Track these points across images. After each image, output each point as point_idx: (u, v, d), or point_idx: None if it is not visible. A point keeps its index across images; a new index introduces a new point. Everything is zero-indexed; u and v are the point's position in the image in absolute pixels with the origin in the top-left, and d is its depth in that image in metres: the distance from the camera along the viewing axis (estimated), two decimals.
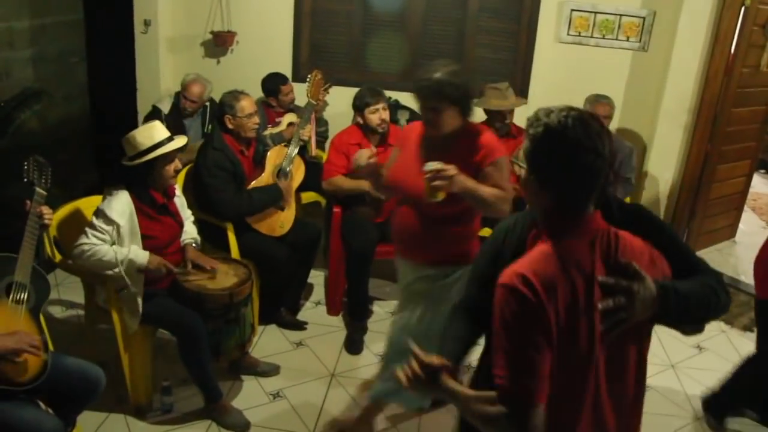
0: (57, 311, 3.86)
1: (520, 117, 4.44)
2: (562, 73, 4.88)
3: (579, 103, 4.22)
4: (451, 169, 2.37)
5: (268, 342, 3.72)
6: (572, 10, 4.81)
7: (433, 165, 2.37)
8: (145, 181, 2.92)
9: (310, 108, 3.95)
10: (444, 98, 2.48)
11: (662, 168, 4.92)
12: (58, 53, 4.82)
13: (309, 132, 3.92)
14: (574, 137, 1.46)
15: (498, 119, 4.19)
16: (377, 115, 3.86)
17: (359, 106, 3.91)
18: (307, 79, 4.07)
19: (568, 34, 4.86)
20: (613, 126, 4.39)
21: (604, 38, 4.85)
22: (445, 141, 2.58)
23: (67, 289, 3.96)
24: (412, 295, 2.79)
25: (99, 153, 5.17)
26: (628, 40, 4.84)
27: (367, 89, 3.91)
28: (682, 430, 3.28)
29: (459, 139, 2.59)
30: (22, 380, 2.28)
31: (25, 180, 2.55)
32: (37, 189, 2.53)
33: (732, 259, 5.33)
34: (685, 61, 4.67)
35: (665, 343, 3.96)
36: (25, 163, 2.56)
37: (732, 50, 4.66)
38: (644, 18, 4.76)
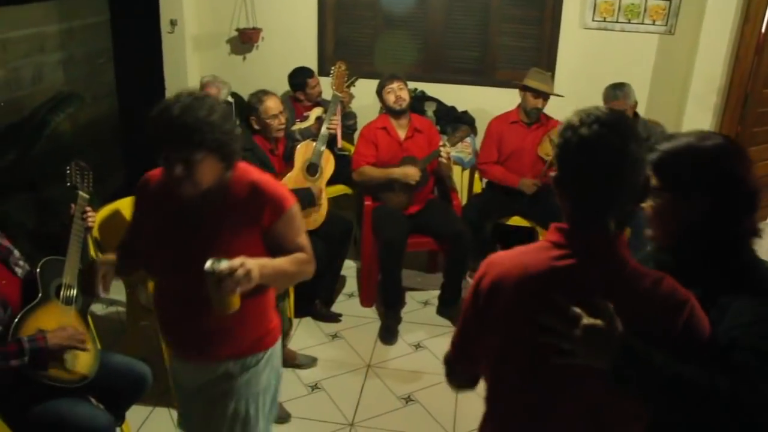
0: (98, 309, 3.96)
1: (548, 105, 4.45)
2: (588, 60, 4.85)
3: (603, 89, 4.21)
4: (244, 263, 1.74)
5: (304, 335, 3.78)
6: None
7: (219, 265, 1.71)
8: None
9: (335, 101, 3.97)
10: (198, 145, 1.81)
11: None
12: (86, 55, 4.91)
13: (336, 125, 3.95)
14: (598, 157, 1.35)
15: (532, 97, 4.15)
16: (392, 94, 3.96)
17: (379, 90, 4.04)
18: (331, 72, 4.10)
19: (593, 20, 4.83)
20: (640, 111, 4.36)
21: (629, 23, 4.81)
22: (206, 203, 1.93)
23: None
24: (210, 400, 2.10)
25: (127, 153, 5.25)
26: (654, 24, 4.80)
27: (386, 74, 4.06)
28: None
29: (226, 196, 1.95)
30: (74, 377, 2.36)
31: (68, 184, 2.62)
32: (80, 192, 2.60)
33: (766, 243, 5.28)
34: (713, 41, 4.61)
35: None
36: (68, 167, 2.62)
37: (763, 28, 4.61)
38: (671, 1, 4.71)
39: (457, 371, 1.66)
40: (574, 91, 4.80)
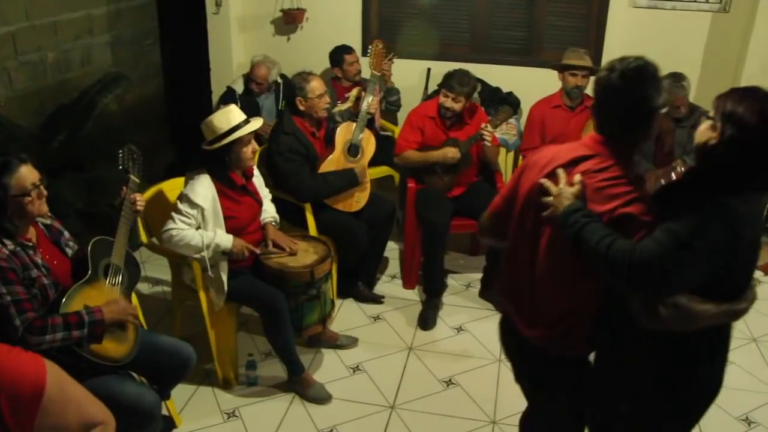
0: (144, 288, 4.04)
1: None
2: (637, 40, 4.70)
3: None
4: None
5: (346, 316, 3.80)
6: None
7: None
8: (224, 163, 3.00)
9: (373, 80, 3.91)
10: None
11: None
12: (133, 36, 4.97)
13: (375, 105, 3.90)
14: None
15: (570, 75, 4.04)
16: (447, 101, 3.83)
17: (442, 85, 3.91)
18: (368, 51, 4.06)
19: None
20: (691, 94, 4.21)
21: (681, 1, 4.65)
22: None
23: (153, 266, 4.13)
24: None
25: (175, 133, 5.32)
26: (707, 2, 4.62)
27: (458, 76, 3.83)
28: (763, 408, 3.19)
29: None
30: (119, 356, 2.41)
31: (120, 168, 2.66)
32: (131, 176, 2.64)
33: None
34: None
35: (747, 317, 3.83)
36: (120, 151, 2.67)
37: None
38: None
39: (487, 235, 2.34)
40: None
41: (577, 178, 1.89)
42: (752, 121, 1.69)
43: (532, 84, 4.79)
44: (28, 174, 2.28)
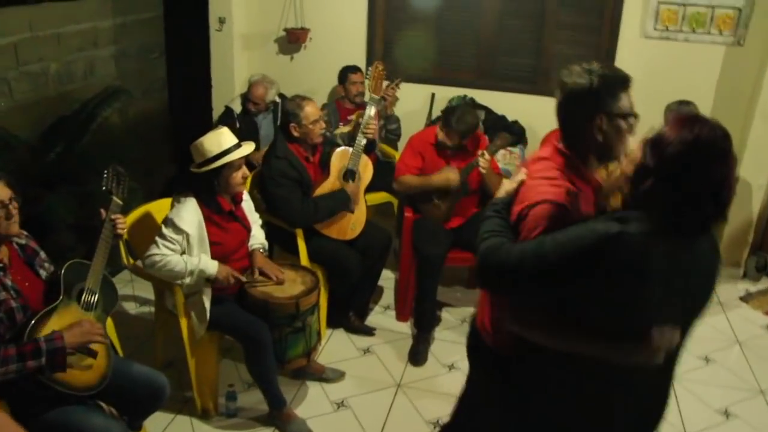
0: (131, 307, 3.95)
1: None
2: (648, 71, 4.59)
3: (664, 103, 3.98)
4: None
5: (335, 347, 3.69)
6: (660, 2, 4.52)
7: None
8: (212, 187, 2.91)
9: (371, 103, 3.77)
10: None
11: (756, 173, 4.58)
12: (138, 50, 4.93)
13: (373, 129, 3.78)
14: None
15: None
16: (439, 133, 3.74)
17: (449, 121, 3.72)
18: (367, 73, 3.97)
19: (654, 29, 4.58)
20: None
21: (694, 32, 4.55)
22: None
23: (141, 286, 4.03)
24: None
25: (176, 148, 5.26)
26: (721, 34, 4.52)
27: (458, 113, 3.71)
28: (741, 404, 3.35)
29: None
30: (87, 385, 2.31)
31: (104, 188, 2.56)
32: (114, 198, 2.55)
33: None
34: None
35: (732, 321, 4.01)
36: (105, 171, 2.57)
37: None
38: (740, 10, 4.43)
39: None
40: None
41: (520, 175, 1.88)
42: (673, 151, 1.53)
43: (538, 113, 4.68)
44: None
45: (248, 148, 2.94)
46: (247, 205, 3.18)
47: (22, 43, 3.99)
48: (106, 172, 2.59)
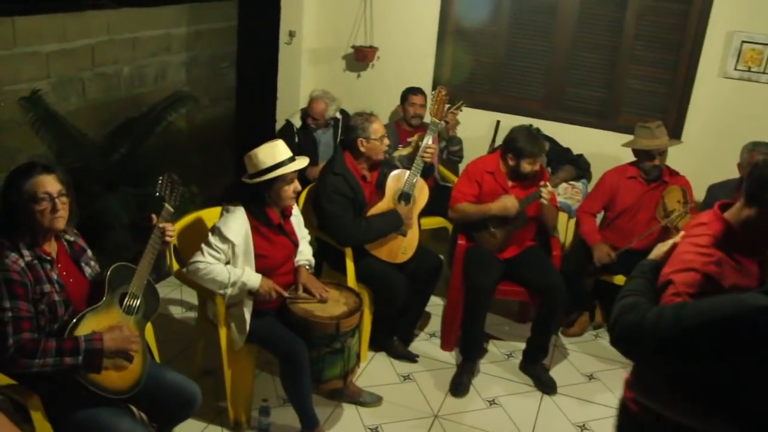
0: (177, 311, 3.98)
1: (674, 159, 4.07)
2: (725, 112, 4.40)
3: (740, 146, 3.79)
4: None
5: (375, 370, 3.61)
6: (743, 41, 4.32)
7: None
8: (262, 199, 2.90)
9: (433, 127, 3.68)
10: None
11: None
12: (209, 58, 5.03)
13: (432, 153, 3.68)
14: None
15: (646, 159, 3.84)
16: (530, 167, 3.60)
17: (512, 148, 3.61)
18: (431, 97, 3.91)
19: (735, 69, 4.37)
20: None
21: None
22: None
23: (189, 291, 4.02)
24: None
25: (239, 157, 5.31)
26: None
27: (529, 137, 3.60)
28: None
29: None
30: (119, 388, 2.31)
31: (157, 195, 2.57)
32: (166, 205, 2.55)
33: None
34: None
35: None
36: (160, 178, 2.58)
37: None
38: None
39: None
40: (704, 146, 4.39)
41: (677, 238, 1.89)
42: None
43: (604, 148, 4.55)
44: (45, 182, 2.22)
45: (302, 162, 2.92)
46: (297, 219, 3.15)
47: (100, 45, 4.12)
48: (161, 178, 2.60)
